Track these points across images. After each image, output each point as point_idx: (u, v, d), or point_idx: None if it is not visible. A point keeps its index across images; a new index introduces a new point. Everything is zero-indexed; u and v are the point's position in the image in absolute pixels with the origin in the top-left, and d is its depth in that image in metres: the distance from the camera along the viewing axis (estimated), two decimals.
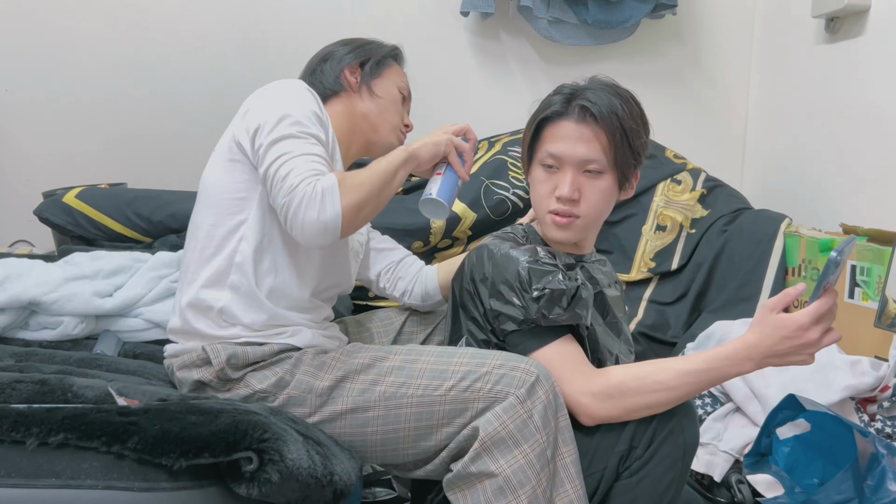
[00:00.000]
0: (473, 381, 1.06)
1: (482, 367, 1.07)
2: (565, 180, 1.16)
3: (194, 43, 2.28)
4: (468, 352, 1.12)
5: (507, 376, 1.05)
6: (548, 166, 1.18)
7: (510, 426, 1.02)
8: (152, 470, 0.92)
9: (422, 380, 1.09)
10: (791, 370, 1.58)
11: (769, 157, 2.47)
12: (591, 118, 1.16)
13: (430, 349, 1.15)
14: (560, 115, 1.18)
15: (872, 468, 1.29)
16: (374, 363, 1.14)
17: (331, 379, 1.13)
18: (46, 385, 1.03)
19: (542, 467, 1.02)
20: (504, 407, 1.03)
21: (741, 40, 2.54)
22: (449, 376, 1.08)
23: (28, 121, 2.25)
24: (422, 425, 1.09)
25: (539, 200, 1.20)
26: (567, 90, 1.20)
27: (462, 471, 1.04)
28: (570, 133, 1.16)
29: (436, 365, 1.10)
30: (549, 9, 2.31)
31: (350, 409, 1.11)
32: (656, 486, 1.09)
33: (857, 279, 1.68)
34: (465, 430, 1.06)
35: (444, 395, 1.07)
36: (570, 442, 1.08)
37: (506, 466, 1.02)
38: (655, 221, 2.09)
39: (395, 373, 1.11)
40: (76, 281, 1.50)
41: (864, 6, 1.95)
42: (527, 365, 1.07)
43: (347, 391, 1.12)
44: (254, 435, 0.93)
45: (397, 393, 1.10)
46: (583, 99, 1.17)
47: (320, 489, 0.96)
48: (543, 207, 1.19)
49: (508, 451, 1.02)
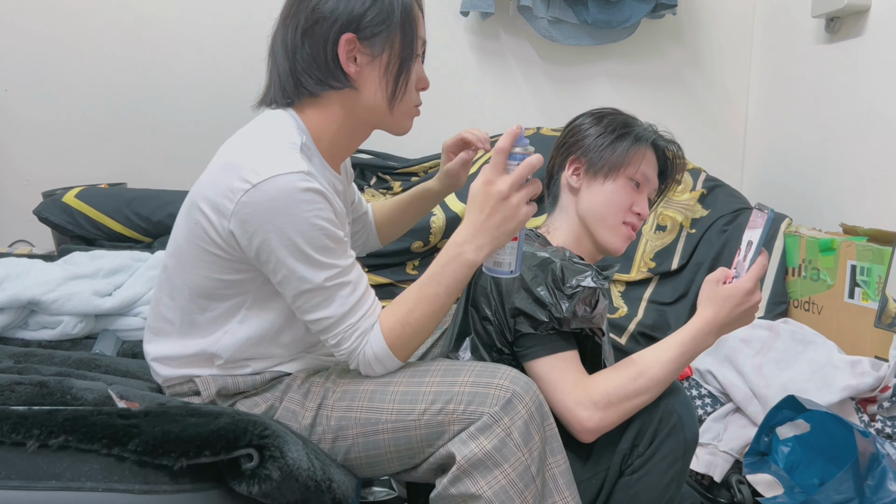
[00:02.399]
0: (445, 402, 1.01)
1: (453, 387, 1.02)
2: (644, 201, 1.28)
3: (194, 43, 2.28)
4: (441, 368, 1.06)
5: (480, 395, 1.00)
6: (636, 183, 1.26)
7: (487, 447, 0.97)
8: (153, 472, 0.91)
9: (394, 404, 1.03)
10: (791, 370, 1.58)
11: (769, 157, 2.47)
12: (661, 158, 1.31)
13: (404, 368, 1.08)
14: (649, 142, 1.28)
15: (873, 468, 1.29)
16: (348, 388, 1.08)
17: (313, 408, 1.08)
18: (46, 387, 1.03)
19: (527, 485, 0.98)
20: (479, 427, 0.98)
21: (741, 40, 2.54)
22: (420, 399, 1.02)
23: (28, 121, 2.25)
24: (402, 449, 1.04)
25: (616, 209, 1.26)
26: (646, 124, 1.31)
27: (443, 491, 1.01)
28: (654, 162, 1.30)
29: (408, 387, 1.04)
30: (549, 9, 2.31)
31: (331, 437, 1.07)
32: (657, 482, 1.09)
33: (857, 279, 1.68)
34: (443, 450, 1.01)
35: (417, 419, 1.02)
36: (559, 451, 1.04)
37: (486, 488, 0.97)
38: (655, 221, 2.09)
39: (367, 397, 1.05)
40: (75, 280, 1.50)
41: (864, 6, 1.95)
42: (500, 380, 1.01)
43: (326, 419, 1.07)
44: (254, 432, 0.93)
45: (371, 419, 1.04)
46: (661, 139, 1.31)
47: (320, 493, 0.96)
48: (618, 216, 1.26)
49: (489, 472, 0.97)
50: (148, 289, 1.53)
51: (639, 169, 1.25)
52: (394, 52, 1.07)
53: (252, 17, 2.28)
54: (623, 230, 1.27)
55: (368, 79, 1.08)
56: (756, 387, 1.55)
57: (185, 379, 1.11)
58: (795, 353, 1.63)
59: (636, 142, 1.26)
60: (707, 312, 1.10)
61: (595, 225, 1.26)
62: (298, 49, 1.07)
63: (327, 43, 1.05)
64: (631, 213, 1.26)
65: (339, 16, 1.04)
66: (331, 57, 1.05)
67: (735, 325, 1.11)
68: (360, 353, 1.04)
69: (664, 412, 1.09)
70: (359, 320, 1.03)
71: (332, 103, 1.09)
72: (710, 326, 1.09)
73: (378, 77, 1.08)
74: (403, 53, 1.08)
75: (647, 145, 1.27)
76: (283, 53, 1.09)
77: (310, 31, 1.05)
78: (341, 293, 1.02)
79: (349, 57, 1.06)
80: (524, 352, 1.14)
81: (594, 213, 1.25)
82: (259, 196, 0.96)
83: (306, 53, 1.06)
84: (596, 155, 1.26)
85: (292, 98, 1.10)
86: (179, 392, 1.12)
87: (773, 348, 1.65)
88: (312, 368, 1.14)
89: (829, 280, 1.76)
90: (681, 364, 1.10)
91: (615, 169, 1.24)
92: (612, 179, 1.25)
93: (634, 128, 1.27)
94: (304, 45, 1.06)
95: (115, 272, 1.57)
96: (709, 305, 1.10)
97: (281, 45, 1.10)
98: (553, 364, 1.11)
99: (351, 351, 1.04)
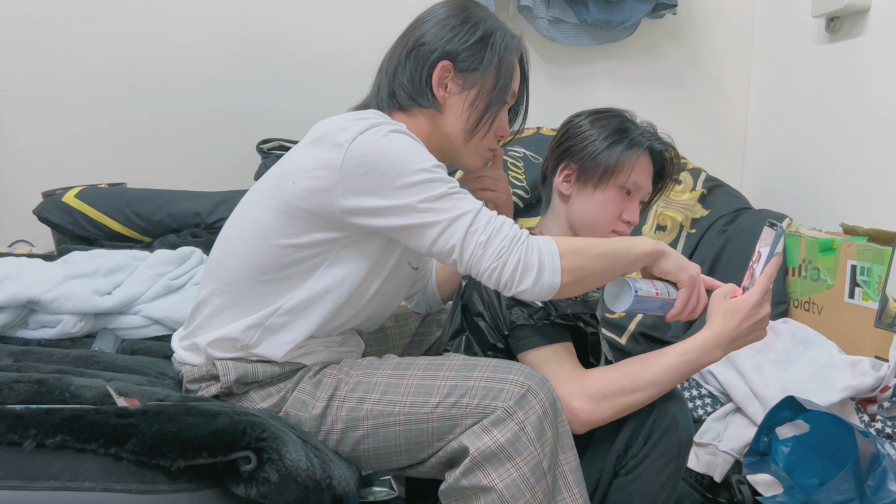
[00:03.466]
0: (460, 396, 1.02)
1: (468, 381, 1.03)
2: (635, 208, 1.26)
3: (194, 43, 2.28)
4: (456, 363, 1.07)
5: (494, 389, 1.01)
6: (627, 191, 1.24)
7: (500, 440, 0.98)
8: (150, 472, 0.91)
9: (408, 397, 1.05)
10: (791, 370, 1.57)
11: (769, 157, 2.46)
12: (657, 161, 1.28)
13: (418, 361, 1.10)
14: (642, 148, 1.25)
15: (873, 468, 1.29)
16: (361, 380, 1.09)
17: (324, 398, 1.09)
18: (44, 385, 1.03)
19: (538, 480, 0.98)
20: (493, 421, 0.99)
21: (741, 40, 2.54)
22: (435, 392, 1.03)
23: (28, 121, 2.25)
24: (412, 442, 1.05)
25: (606, 218, 1.24)
26: (643, 126, 1.28)
27: (454, 484, 1.02)
28: (648, 167, 1.27)
29: (422, 380, 1.06)
30: (549, 8, 2.31)
31: (341, 428, 1.08)
32: (652, 483, 1.09)
33: (857, 279, 1.68)
34: (454, 444, 1.02)
35: (430, 412, 1.03)
36: (570, 448, 1.04)
37: (498, 481, 0.98)
38: (655, 221, 2.09)
39: (381, 389, 1.07)
40: (75, 279, 1.50)
41: (864, 6, 1.94)
42: (516, 375, 1.02)
43: (336, 409, 1.08)
44: (252, 434, 0.93)
45: (384, 411, 1.05)
46: (658, 142, 1.27)
47: (319, 492, 0.95)
48: (608, 225, 1.24)
49: (501, 465, 0.98)
50: (147, 287, 1.53)
51: (629, 177, 1.22)
52: (483, 91, 1.17)
53: (253, 17, 2.28)
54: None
55: (453, 107, 1.17)
56: (756, 387, 1.55)
57: (206, 366, 1.13)
58: (795, 353, 1.62)
59: (629, 148, 1.23)
60: (715, 325, 1.09)
61: (584, 233, 1.25)
62: (401, 66, 1.18)
63: (426, 65, 1.16)
64: (620, 222, 1.25)
65: (441, 45, 1.16)
66: (425, 77, 1.16)
67: (745, 339, 1.10)
68: (522, 246, 1.01)
69: (658, 413, 1.09)
70: (517, 227, 1.05)
71: (420, 117, 1.18)
72: (717, 339, 1.08)
73: (461, 108, 1.17)
74: (492, 96, 1.17)
75: (642, 150, 1.24)
76: (388, 68, 1.20)
77: (414, 52, 1.17)
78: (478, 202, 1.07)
79: (441, 82, 1.16)
80: (519, 343, 1.14)
81: (583, 221, 1.25)
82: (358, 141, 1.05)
83: (406, 71, 1.17)
84: (587, 163, 1.23)
85: (385, 107, 1.19)
86: (198, 377, 1.14)
87: (773, 348, 1.65)
88: (327, 362, 1.15)
89: (830, 280, 1.76)
90: (682, 373, 1.09)
91: (605, 178, 1.22)
92: (601, 189, 1.23)
93: (629, 133, 1.24)
94: (406, 64, 1.17)
95: (115, 271, 1.57)
96: (716, 319, 1.09)
97: (388, 61, 1.21)
98: (548, 354, 1.11)
99: (512, 239, 1.01)
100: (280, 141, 2.15)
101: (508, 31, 1.22)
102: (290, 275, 1.10)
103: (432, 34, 1.17)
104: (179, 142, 2.31)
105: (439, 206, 1.02)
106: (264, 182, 1.14)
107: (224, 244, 1.15)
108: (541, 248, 1.02)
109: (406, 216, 1.02)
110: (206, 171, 2.30)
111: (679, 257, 1.12)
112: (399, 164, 1.02)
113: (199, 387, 1.15)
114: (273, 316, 1.10)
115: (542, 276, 1.01)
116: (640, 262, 1.09)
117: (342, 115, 1.11)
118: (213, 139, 2.32)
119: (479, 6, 1.22)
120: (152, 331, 1.51)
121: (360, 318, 1.19)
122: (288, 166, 1.10)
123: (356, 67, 2.35)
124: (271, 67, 2.29)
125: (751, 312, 1.08)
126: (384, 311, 1.25)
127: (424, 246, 1.04)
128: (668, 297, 1.11)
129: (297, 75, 2.30)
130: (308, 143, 1.09)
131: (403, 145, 1.04)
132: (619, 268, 1.07)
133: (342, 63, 2.31)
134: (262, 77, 2.29)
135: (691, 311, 1.12)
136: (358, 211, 1.04)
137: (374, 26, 2.30)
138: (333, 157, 1.03)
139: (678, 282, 1.11)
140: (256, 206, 1.12)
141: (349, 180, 1.02)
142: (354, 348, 1.23)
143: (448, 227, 1.01)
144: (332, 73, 2.31)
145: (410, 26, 1.21)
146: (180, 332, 1.22)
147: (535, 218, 2.02)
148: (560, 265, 1.02)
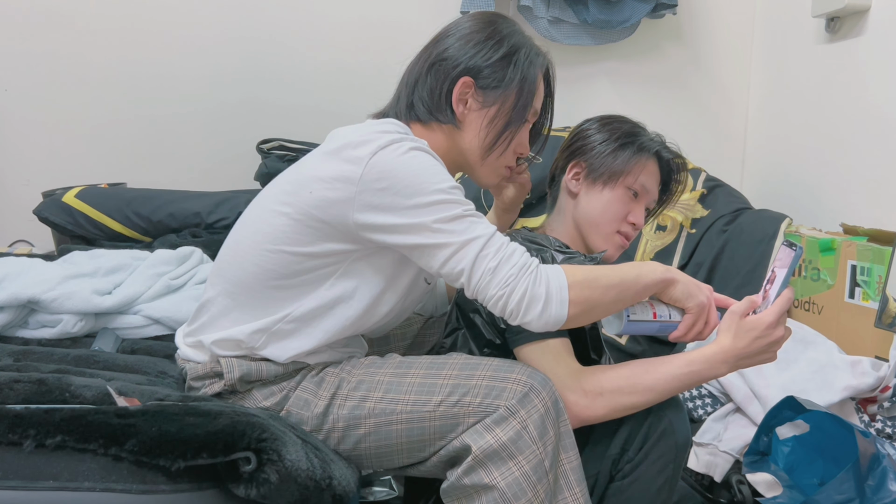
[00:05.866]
0: (462, 395, 1.02)
1: (471, 380, 1.03)
2: (641, 211, 1.28)
3: (194, 43, 2.28)
4: (458, 362, 1.07)
5: (497, 388, 1.01)
6: (634, 193, 1.26)
7: (503, 438, 0.98)
8: (150, 472, 0.91)
9: (410, 395, 1.05)
10: (791, 370, 1.57)
11: (769, 157, 2.46)
12: (664, 169, 1.31)
13: (421, 360, 1.10)
14: (651, 153, 1.28)
15: (873, 468, 1.29)
16: (364, 378, 1.09)
17: (326, 397, 1.09)
18: (45, 385, 1.03)
19: (539, 479, 0.99)
20: (495, 419, 0.99)
21: (741, 40, 2.54)
22: (437, 391, 1.03)
23: (28, 121, 2.25)
24: (414, 440, 1.05)
25: (612, 216, 1.26)
26: (653, 134, 1.31)
27: (456, 482, 1.02)
28: (655, 173, 1.29)
29: (424, 378, 1.06)
30: (549, 8, 2.31)
31: (343, 427, 1.08)
32: (649, 487, 1.09)
33: (857, 279, 1.68)
34: (457, 442, 1.02)
35: (433, 410, 1.03)
36: (571, 447, 1.04)
37: (500, 479, 0.98)
38: (655, 221, 2.09)
39: (383, 388, 1.07)
40: (75, 279, 1.50)
41: (864, 6, 1.94)
42: (519, 374, 1.02)
43: (338, 408, 1.08)
44: (252, 435, 0.93)
45: (386, 410, 1.05)
46: (666, 151, 1.30)
47: (319, 492, 0.95)
48: (613, 225, 1.26)
49: (503, 463, 0.98)
50: (148, 286, 1.54)
51: (638, 179, 1.25)
52: (503, 109, 1.16)
53: (253, 17, 2.28)
54: (616, 239, 1.27)
55: (472, 123, 1.16)
56: (756, 387, 1.55)
57: (210, 363, 1.13)
58: (796, 353, 1.62)
59: (639, 151, 1.25)
60: (724, 340, 1.08)
61: (589, 231, 1.26)
62: (421, 78, 1.17)
63: (446, 80, 1.15)
64: (626, 223, 1.26)
65: (464, 60, 1.15)
66: (445, 92, 1.15)
67: (754, 359, 1.08)
68: (530, 276, 0.99)
69: (654, 417, 1.09)
70: (527, 256, 1.04)
71: (437, 131, 1.17)
72: (724, 355, 1.07)
73: (480, 125, 1.16)
74: (513, 115, 1.16)
75: (650, 156, 1.27)
76: (409, 80, 1.19)
77: (436, 65, 1.16)
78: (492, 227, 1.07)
79: (461, 98, 1.15)
80: (515, 337, 1.13)
81: (590, 219, 1.25)
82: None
83: (427, 84, 1.16)
84: (597, 161, 1.26)
85: (404, 118, 1.18)
86: (201, 374, 1.14)
87: None
88: (329, 361, 1.15)
89: (830, 280, 1.76)
90: (683, 383, 1.08)
91: (614, 177, 1.24)
92: (610, 187, 1.25)
93: (639, 137, 1.27)
94: (427, 77, 1.16)
95: (115, 270, 1.58)
96: (727, 335, 1.08)
97: (409, 72, 1.20)
98: (544, 349, 1.11)
99: (521, 268, 1.00)
100: (280, 141, 2.15)
101: (535, 47, 1.20)
102: (301, 283, 1.09)
103: (455, 49, 1.16)
104: (179, 142, 2.31)
105: (452, 228, 1.01)
106: (279, 186, 1.13)
107: (235, 245, 1.15)
108: (549, 278, 1.01)
109: (419, 235, 1.02)
110: (206, 170, 2.30)
111: (689, 284, 1.10)
112: (417, 183, 1.01)
113: (202, 384, 1.15)
114: (281, 322, 1.10)
115: (548, 307, 1.00)
116: (648, 290, 1.09)
117: (362, 126, 1.11)
118: (213, 139, 2.32)
119: (506, 21, 1.20)
120: (152, 330, 1.51)
121: (370, 329, 1.19)
122: (306, 174, 1.09)
123: (356, 68, 2.36)
124: (271, 68, 2.29)
125: (764, 332, 1.06)
126: (395, 323, 1.25)
127: (434, 266, 1.03)
128: (667, 321, 1.11)
129: (298, 76, 2.30)
130: (327, 151, 1.08)
131: (423, 164, 1.04)
132: (627, 298, 1.06)
133: (342, 63, 2.30)
134: (262, 77, 2.29)
135: (696, 335, 1.12)
136: (372, 226, 1.03)
137: (374, 27, 2.30)
138: (352, 170, 1.03)
139: (686, 309, 1.11)
140: (271, 210, 1.11)
141: (366, 195, 1.02)
142: (358, 349, 1.22)
143: (459, 249, 1.01)
144: (333, 74, 2.31)
145: (434, 39, 1.21)
146: (184, 329, 1.22)
147: (536, 218, 2.02)
148: (568, 297, 1.01)
